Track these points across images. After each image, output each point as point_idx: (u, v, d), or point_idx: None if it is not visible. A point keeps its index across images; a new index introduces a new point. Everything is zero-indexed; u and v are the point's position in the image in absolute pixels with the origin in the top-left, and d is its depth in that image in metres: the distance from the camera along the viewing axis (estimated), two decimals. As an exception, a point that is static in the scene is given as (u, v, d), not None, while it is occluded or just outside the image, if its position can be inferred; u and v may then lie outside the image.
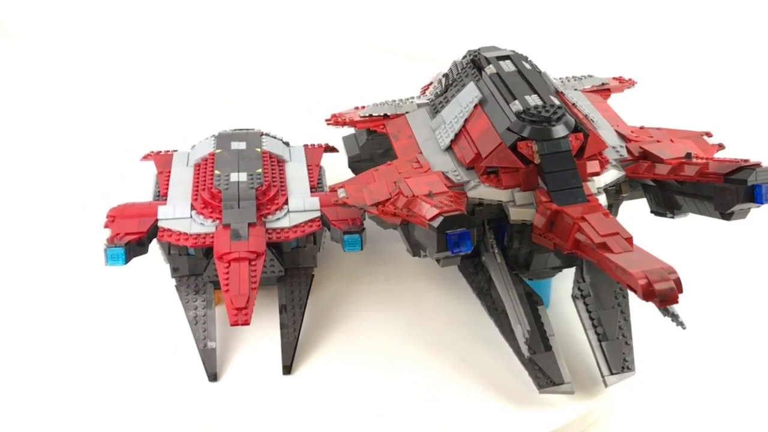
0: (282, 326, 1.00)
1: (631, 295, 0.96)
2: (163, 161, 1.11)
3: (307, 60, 1.98)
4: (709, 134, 1.08)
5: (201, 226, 0.99)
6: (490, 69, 1.05)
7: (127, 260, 0.93)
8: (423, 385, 0.97)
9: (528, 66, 1.06)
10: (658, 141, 1.02)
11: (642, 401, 1.01)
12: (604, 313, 0.97)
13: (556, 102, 0.95)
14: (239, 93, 1.81)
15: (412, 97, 1.19)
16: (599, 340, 0.96)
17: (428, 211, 0.82)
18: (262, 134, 1.15)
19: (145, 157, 1.16)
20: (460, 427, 0.92)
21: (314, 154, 1.16)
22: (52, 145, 1.60)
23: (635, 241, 0.82)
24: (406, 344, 1.04)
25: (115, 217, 0.98)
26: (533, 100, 0.96)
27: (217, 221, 0.98)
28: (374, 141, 1.21)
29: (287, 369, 0.98)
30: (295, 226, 1.00)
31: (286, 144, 1.17)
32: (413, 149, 1.05)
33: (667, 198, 0.98)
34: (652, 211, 1.03)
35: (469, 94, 1.04)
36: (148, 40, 2.05)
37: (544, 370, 0.93)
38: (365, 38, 2.03)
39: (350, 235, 0.94)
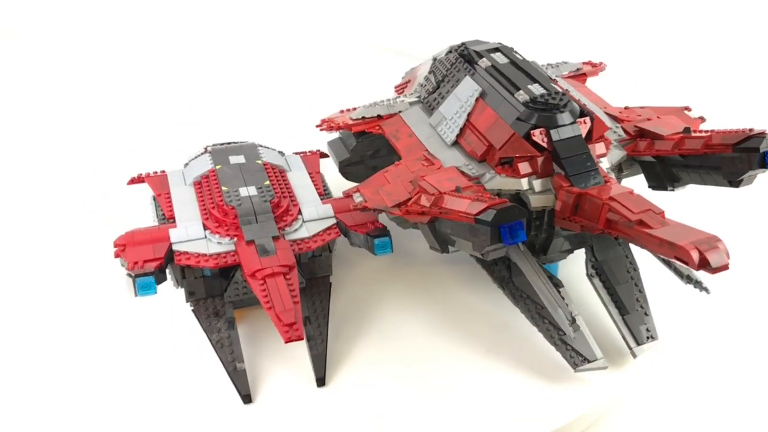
0: (309, 338, 0.98)
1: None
2: (158, 183, 1.06)
3: (302, 60, 1.98)
4: (688, 108, 1.14)
5: (218, 245, 0.95)
6: (484, 62, 1.07)
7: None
8: (432, 385, 0.97)
9: (519, 56, 1.09)
10: (648, 119, 1.07)
11: (642, 401, 1.02)
12: (620, 288, 1.01)
13: (559, 89, 0.98)
14: (236, 93, 1.81)
15: (398, 97, 1.20)
16: (621, 315, 0.99)
17: (471, 206, 0.82)
18: (257, 146, 1.12)
19: (133, 181, 1.11)
20: (460, 428, 0.92)
21: (312, 161, 1.14)
22: (49, 145, 1.61)
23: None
24: (431, 342, 1.04)
25: (125, 245, 0.94)
26: (537, 89, 0.99)
27: (235, 238, 0.95)
28: (364, 143, 1.21)
29: (321, 381, 0.96)
30: (315, 236, 0.98)
31: (281, 153, 1.15)
32: (418, 147, 1.06)
33: (667, 172, 1.03)
34: (650, 186, 1.08)
35: (468, 88, 1.06)
36: (143, 39, 2.08)
37: (576, 349, 0.96)
38: (365, 38, 2.04)
39: (380, 239, 0.94)
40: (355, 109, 1.23)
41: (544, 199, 0.95)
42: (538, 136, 0.95)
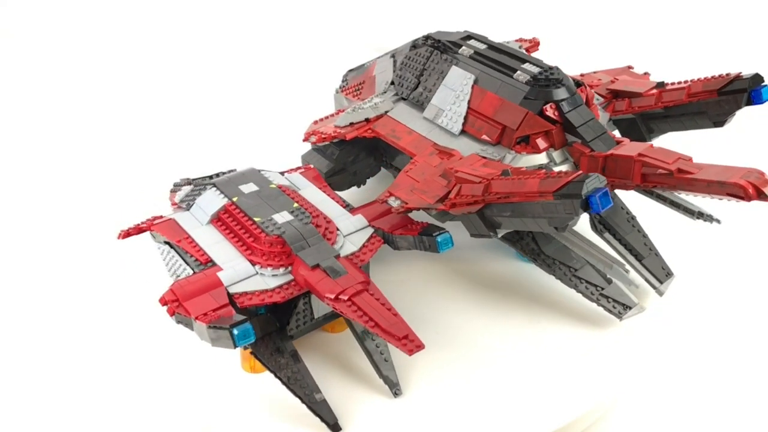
0: (370, 352, 0.96)
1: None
2: (168, 229, 0.97)
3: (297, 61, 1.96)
4: (631, 67, 1.25)
5: (275, 277, 0.90)
6: (465, 50, 1.10)
7: None
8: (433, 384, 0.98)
9: (492, 41, 1.13)
10: (612, 81, 1.17)
11: (642, 401, 1.04)
12: (629, 237, 1.09)
13: (551, 65, 1.04)
14: (230, 93, 1.82)
15: (371, 99, 1.19)
16: (638, 260, 1.08)
17: (544, 184, 0.85)
18: (258, 170, 1.06)
19: (127, 234, 1.00)
20: (461, 428, 0.92)
21: (313, 176, 1.10)
22: (45, 145, 1.63)
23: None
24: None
25: (177, 300, 0.85)
26: (531, 68, 1.04)
27: (289, 267, 0.91)
28: (344, 150, 1.19)
29: (398, 390, 0.95)
30: (363, 248, 0.96)
31: (282, 174, 1.10)
32: (424, 142, 1.07)
33: (645, 126, 1.13)
34: None
35: (458, 77, 1.08)
36: (133, 44, 2.07)
37: (617, 299, 1.04)
38: (363, 38, 2.00)
39: (441, 235, 0.94)
40: (327, 117, 1.21)
41: (565, 168, 1.01)
42: (550, 110, 1.00)
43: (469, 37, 1.13)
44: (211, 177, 1.07)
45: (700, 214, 1.06)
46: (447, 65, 1.11)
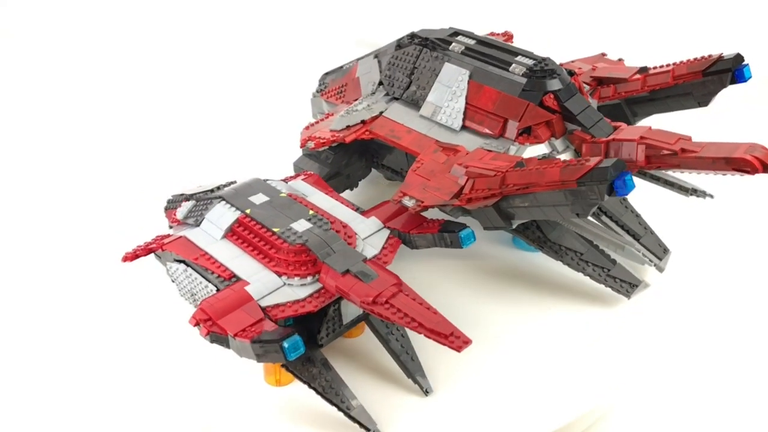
0: (397, 354, 0.96)
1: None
2: (181, 248, 0.94)
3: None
4: (604, 54, 1.29)
5: (304, 287, 0.89)
6: (455, 47, 1.11)
7: None
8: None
9: (479, 37, 1.14)
10: (593, 68, 1.20)
11: (642, 401, 1.04)
12: (624, 218, 1.13)
13: (543, 56, 1.06)
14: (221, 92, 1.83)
15: (361, 101, 1.18)
16: (636, 239, 1.12)
17: (565, 173, 0.87)
18: (263, 180, 1.04)
19: (132, 257, 0.96)
20: (461, 428, 0.93)
21: (317, 182, 1.08)
22: (44, 144, 1.64)
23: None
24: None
25: (209, 318, 0.83)
26: (525, 60, 1.06)
27: (316, 275, 0.89)
28: (338, 154, 1.18)
29: (429, 388, 0.95)
30: (384, 249, 0.95)
31: (285, 181, 1.08)
32: (427, 140, 1.07)
33: (630, 110, 1.17)
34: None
35: (453, 73, 1.09)
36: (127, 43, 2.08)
37: (624, 279, 1.07)
38: (355, 35, 2.01)
39: (464, 231, 0.94)
40: (317, 122, 1.19)
41: (568, 156, 1.04)
42: (549, 101, 1.02)
43: (456, 33, 1.15)
44: (212, 190, 1.05)
45: (693, 191, 1.11)
46: (439, 62, 1.11)
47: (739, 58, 1.05)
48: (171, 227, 1.09)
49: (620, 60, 1.26)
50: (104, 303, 1.18)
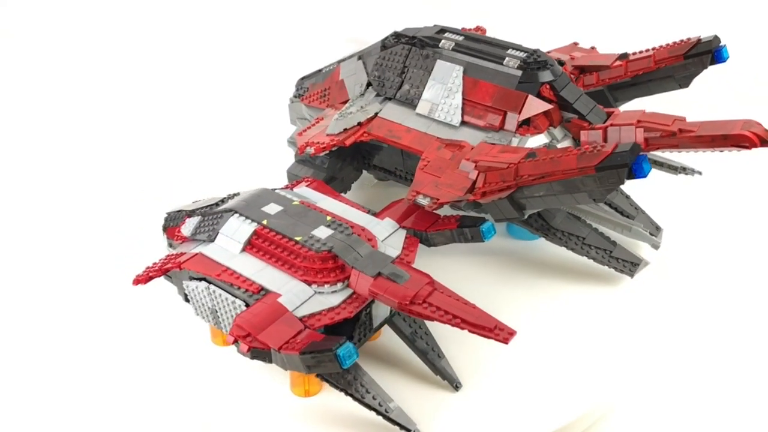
0: (423, 352, 0.96)
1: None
2: (201, 265, 0.91)
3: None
4: (576, 43, 1.33)
5: (335, 294, 0.88)
6: (445, 43, 1.12)
7: None
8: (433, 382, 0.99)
9: (466, 32, 1.15)
10: (571, 58, 1.23)
11: (642, 401, 1.04)
12: (616, 200, 1.17)
13: (533, 48, 1.09)
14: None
15: (352, 103, 1.17)
16: (631, 219, 1.16)
17: (582, 159, 0.89)
18: (271, 190, 1.02)
19: (144, 279, 0.92)
20: (461, 427, 0.93)
21: (322, 188, 1.07)
22: (44, 144, 1.66)
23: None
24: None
25: (249, 334, 0.81)
26: (517, 53, 1.08)
27: (346, 281, 0.88)
28: (333, 158, 1.18)
29: (458, 383, 0.96)
30: (404, 249, 0.95)
31: (291, 189, 1.06)
32: (428, 137, 1.08)
33: (611, 95, 1.20)
34: None
35: (446, 70, 1.10)
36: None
37: (626, 259, 1.10)
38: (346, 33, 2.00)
39: (484, 224, 0.94)
40: (309, 128, 1.18)
41: (566, 144, 1.06)
42: (546, 91, 1.05)
43: (443, 30, 1.16)
44: (216, 204, 1.02)
45: (682, 169, 1.16)
46: (430, 60, 1.12)
47: (717, 40, 1.10)
48: (171, 245, 1.06)
49: (593, 48, 1.30)
50: (104, 303, 1.19)
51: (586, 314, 1.10)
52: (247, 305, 0.87)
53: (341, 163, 1.18)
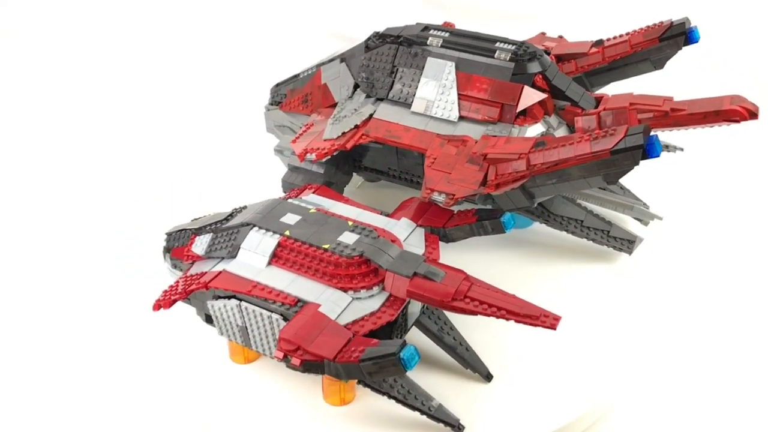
0: (452, 348, 0.97)
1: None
2: (230, 283, 0.88)
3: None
4: (544, 34, 1.36)
5: (372, 298, 0.87)
6: (433, 41, 1.13)
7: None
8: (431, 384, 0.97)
9: (451, 28, 1.16)
10: (546, 47, 1.26)
11: (642, 401, 1.04)
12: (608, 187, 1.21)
13: (519, 40, 1.11)
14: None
15: (343, 106, 1.16)
16: (623, 201, 1.20)
17: (596, 144, 0.91)
18: (283, 200, 0.99)
19: (164, 305, 0.89)
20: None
21: (328, 193, 1.05)
22: (43, 144, 1.66)
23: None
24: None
25: (299, 346, 0.79)
26: (505, 46, 1.10)
27: (380, 284, 0.88)
28: (329, 164, 1.17)
29: (490, 374, 0.98)
30: (428, 247, 0.95)
31: (298, 197, 1.04)
32: (428, 135, 1.09)
33: (588, 81, 1.24)
34: None
35: (438, 66, 1.11)
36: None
37: (622, 237, 1.15)
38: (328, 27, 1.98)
39: (504, 216, 0.95)
40: (302, 135, 1.16)
41: (562, 131, 1.09)
42: (539, 81, 1.07)
43: (427, 28, 1.16)
44: (225, 219, 0.99)
45: (665, 146, 1.21)
46: (420, 58, 1.13)
47: (688, 21, 1.15)
48: (176, 266, 1.02)
49: (560, 37, 1.34)
50: (103, 302, 1.20)
51: (586, 308, 1.11)
52: (284, 319, 0.86)
53: (335, 167, 1.18)
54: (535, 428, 0.93)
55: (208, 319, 0.97)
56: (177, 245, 1.01)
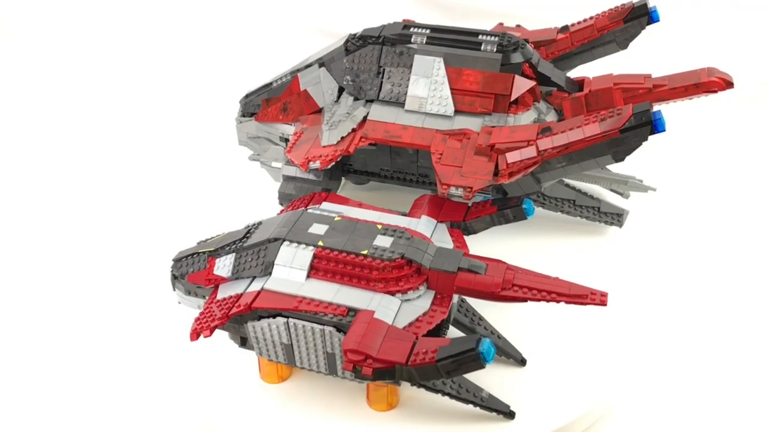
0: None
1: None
2: (273, 302, 0.85)
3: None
4: (501, 23, 1.39)
5: (420, 298, 0.87)
6: (417, 38, 1.13)
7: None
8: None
9: (431, 25, 1.17)
10: (518, 34, 1.29)
11: (642, 401, 1.04)
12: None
13: (500, 32, 1.13)
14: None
15: (332, 111, 1.14)
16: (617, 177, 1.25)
17: (605, 125, 0.95)
18: (307, 210, 0.97)
19: (214, 326, 0.85)
20: (461, 427, 0.94)
21: (338, 198, 1.03)
22: (43, 144, 1.67)
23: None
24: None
25: (367, 356, 0.77)
26: (489, 38, 1.12)
27: (425, 284, 0.87)
28: (325, 170, 1.14)
29: (524, 358, 1.00)
30: (456, 242, 0.96)
31: (308, 206, 1.01)
32: (427, 132, 1.09)
33: (558, 65, 1.28)
34: None
35: (426, 63, 1.11)
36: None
37: (611, 212, 1.20)
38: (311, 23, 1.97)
39: (525, 202, 0.97)
40: (295, 143, 1.14)
41: (551, 116, 1.13)
42: (527, 69, 1.10)
43: (408, 26, 1.17)
44: (244, 237, 0.95)
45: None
46: (406, 57, 1.13)
47: (647, 2, 1.22)
48: (191, 292, 0.98)
49: (518, 26, 1.38)
50: (103, 302, 1.21)
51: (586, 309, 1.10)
52: (338, 330, 0.84)
53: (330, 173, 1.16)
54: (535, 428, 0.94)
55: (243, 342, 0.94)
56: (192, 270, 0.97)
